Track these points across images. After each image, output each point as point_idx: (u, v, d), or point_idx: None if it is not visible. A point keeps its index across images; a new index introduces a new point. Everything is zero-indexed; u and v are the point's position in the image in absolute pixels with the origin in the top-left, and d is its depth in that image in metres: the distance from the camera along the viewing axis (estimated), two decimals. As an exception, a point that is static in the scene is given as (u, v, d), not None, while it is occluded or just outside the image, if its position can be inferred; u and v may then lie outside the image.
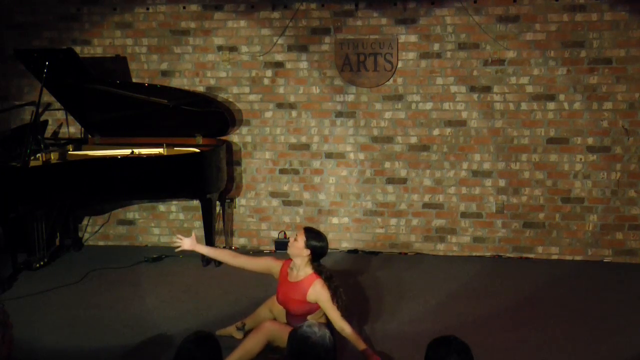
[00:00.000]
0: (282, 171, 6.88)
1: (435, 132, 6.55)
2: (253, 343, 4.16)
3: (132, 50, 6.92)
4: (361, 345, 4.20)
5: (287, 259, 4.48)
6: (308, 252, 4.31)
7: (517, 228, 6.53)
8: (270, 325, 4.25)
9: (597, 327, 4.93)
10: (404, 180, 6.67)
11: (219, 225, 6.84)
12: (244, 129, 6.89)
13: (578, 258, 6.45)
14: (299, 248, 4.31)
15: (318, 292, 4.22)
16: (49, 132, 6.87)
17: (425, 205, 6.67)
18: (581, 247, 6.45)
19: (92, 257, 6.66)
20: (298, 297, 4.28)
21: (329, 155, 6.77)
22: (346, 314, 4.30)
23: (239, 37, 6.75)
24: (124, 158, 6.18)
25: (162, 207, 7.12)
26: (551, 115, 6.35)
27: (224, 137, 6.72)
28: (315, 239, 4.34)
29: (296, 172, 6.85)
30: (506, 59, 6.36)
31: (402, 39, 6.50)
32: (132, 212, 7.18)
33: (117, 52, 6.93)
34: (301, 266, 4.34)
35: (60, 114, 6.92)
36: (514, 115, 6.41)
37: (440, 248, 6.70)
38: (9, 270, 6.00)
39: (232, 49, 6.78)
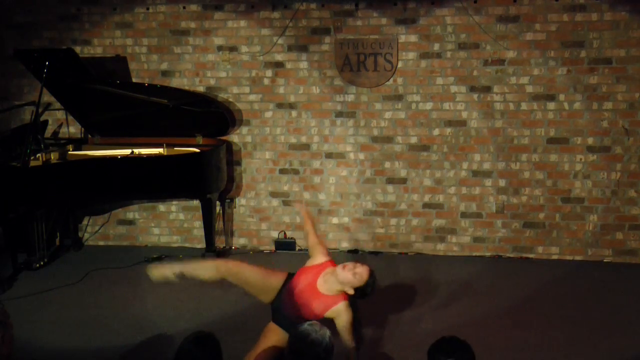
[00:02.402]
0: (282, 171, 6.88)
1: (435, 132, 6.55)
2: (205, 268, 4.33)
3: (132, 50, 6.92)
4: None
5: (328, 262, 4.23)
6: (354, 289, 4.05)
7: (517, 228, 6.53)
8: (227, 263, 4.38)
9: (597, 327, 4.94)
10: (404, 180, 6.67)
11: (219, 225, 6.84)
12: (244, 129, 6.88)
13: (578, 258, 6.45)
14: (360, 280, 4.01)
15: (341, 312, 4.02)
16: (49, 132, 6.87)
17: (425, 205, 6.67)
18: (581, 247, 6.45)
19: (92, 257, 6.66)
20: (316, 309, 4.05)
21: (329, 155, 6.77)
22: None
23: (239, 37, 6.75)
24: (124, 158, 6.18)
25: (162, 207, 7.12)
26: (551, 115, 6.35)
27: (224, 137, 6.72)
28: (372, 285, 4.09)
29: (296, 172, 6.85)
30: (506, 59, 6.36)
31: (402, 39, 6.50)
32: (132, 212, 7.18)
33: (117, 52, 6.93)
34: (336, 288, 4.06)
35: (60, 114, 6.92)
36: (514, 115, 6.41)
37: (440, 248, 6.69)
38: (9, 270, 6.00)
39: (232, 49, 6.78)
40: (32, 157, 5.91)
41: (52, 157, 6.21)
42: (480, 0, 6.30)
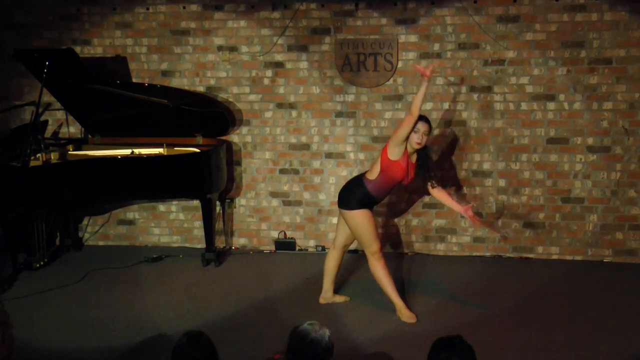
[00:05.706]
0: (282, 171, 6.88)
1: (436, 132, 6.55)
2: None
3: (132, 50, 6.92)
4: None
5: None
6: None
7: (517, 228, 6.53)
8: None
9: (597, 327, 4.94)
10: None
11: (219, 225, 6.84)
12: (244, 129, 6.89)
13: (578, 258, 6.45)
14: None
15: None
16: (49, 132, 6.87)
17: (425, 205, 6.67)
18: (581, 247, 6.45)
19: (92, 257, 6.66)
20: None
21: (329, 155, 6.77)
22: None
23: (239, 37, 6.75)
24: (124, 158, 6.19)
25: (162, 207, 7.12)
26: (551, 115, 6.35)
27: (224, 137, 6.73)
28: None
29: (296, 172, 6.85)
30: (506, 59, 6.36)
31: (402, 39, 6.50)
32: (132, 212, 7.18)
33: (117, 52, 6.93)
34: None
35: (60, 114, 6.92)
36: (514, 115, 6.41)
37: (440, 248, 6.70)
38: (9, 270, 6.01)
39: (232, 49, 6.78)
40: (32, 157, 5.91)
41: (52, 157, 6.22)
42: (480, 0, 6.30)
